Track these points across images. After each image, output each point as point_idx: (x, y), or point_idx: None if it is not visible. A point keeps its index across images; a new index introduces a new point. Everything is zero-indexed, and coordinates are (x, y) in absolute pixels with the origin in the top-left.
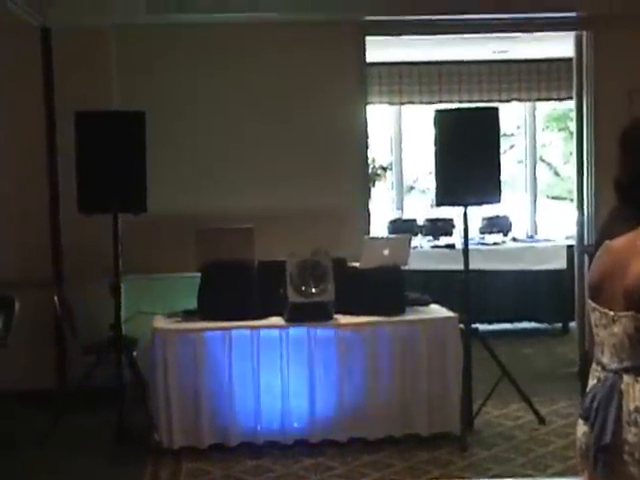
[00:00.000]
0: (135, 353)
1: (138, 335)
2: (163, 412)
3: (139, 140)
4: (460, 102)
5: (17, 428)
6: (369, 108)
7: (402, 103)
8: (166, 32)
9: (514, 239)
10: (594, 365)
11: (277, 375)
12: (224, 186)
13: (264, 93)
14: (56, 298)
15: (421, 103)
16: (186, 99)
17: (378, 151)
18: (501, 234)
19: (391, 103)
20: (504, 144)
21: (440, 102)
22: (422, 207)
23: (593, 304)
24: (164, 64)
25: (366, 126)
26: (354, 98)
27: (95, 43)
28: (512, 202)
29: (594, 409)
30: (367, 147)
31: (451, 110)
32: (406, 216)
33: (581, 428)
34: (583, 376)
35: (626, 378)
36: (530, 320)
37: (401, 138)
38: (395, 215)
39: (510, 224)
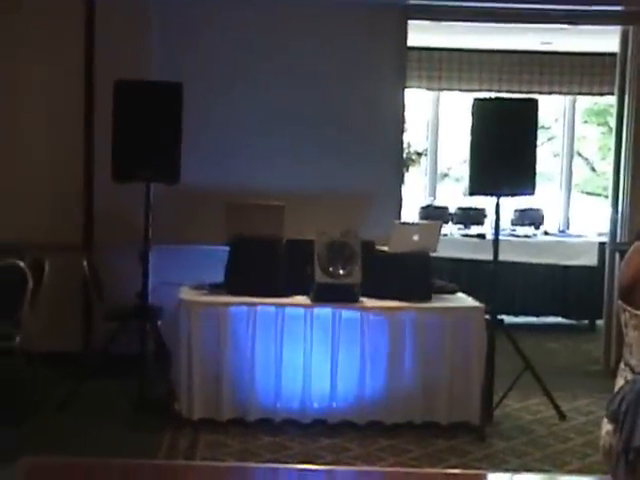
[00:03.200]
0: (160, 322)
1: (164, 305)
2: (184, 383)
3: (176, 111)
4: (499, 92)
5: (40, 391)
6: (407, 92)
7: (441, 89)
8: (207, 5)
9: (546, 233)
10: (622, 365)
11: (300, 354)
12: (257, 162)
13: (303, 72)
14: (85, 263)
15: (460, 90)
16: (223, 74)
17: (414, 136)
18: (533, 227)
19: (430, 89)
20: (542, 136)
21: (479, 91)
22: (455, 195)
23: (624, 305)
24: (203, 37)
25: (403, 110)
26: (393, 81)
27: (136, 13)
28: (546, 195)
29: (622, 412)
30: (403, 131)
31: (490, 99)
32: (438, 203)
33: (606, 427)
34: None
35: None
36: (557, 315)
37: (438, 124)
38: (427, 201)
39: (542, 217)
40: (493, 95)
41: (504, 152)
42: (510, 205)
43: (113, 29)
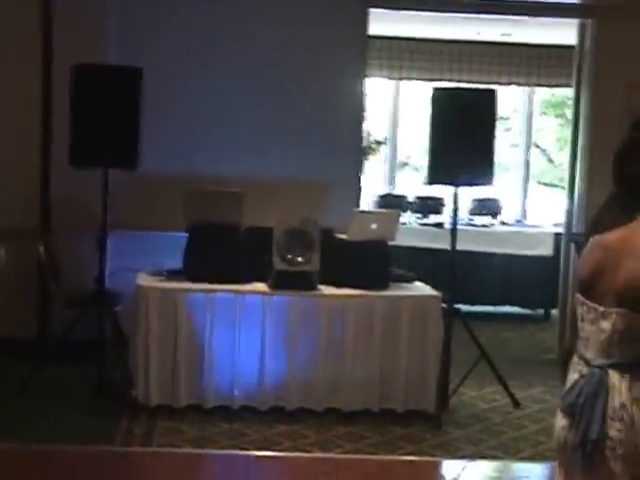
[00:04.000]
0: (117, 309)
1: (122, 291)
2: (141, 369)
3: (135, 97)
4: (459, 81)
5: None
6: (368, 81)
7: (401, 78)
8: None
9: (503, 222)
10: (575, 359)
11: (257, 341)
12: (217, 150)
13: (262, 60)
14: (41, 248)
15: (420, 80)
16: (185, 60)
17: (374, 125)
18: (490, 217)
19: (390, 77)
20: (500, 127)
21: (439, 80)
22: (413, 184)
23: (582, 298)
24: (165, 22)
25: (363, 99)
26: (354, 70)
27: None
28: (503, 185)
29: (579, 404)
30: (363, 120)
31: (449, 89)
32: (397, 192)
33: (560, 421)
34: (563, 368)
35: (612, 374)
36: (513, 304)
37: (397, 114)
38: (386, 190)
39: (500, 207)
40: (453, 85)
41: (463, 142)
42: (468, 195)
43: (71, 12)
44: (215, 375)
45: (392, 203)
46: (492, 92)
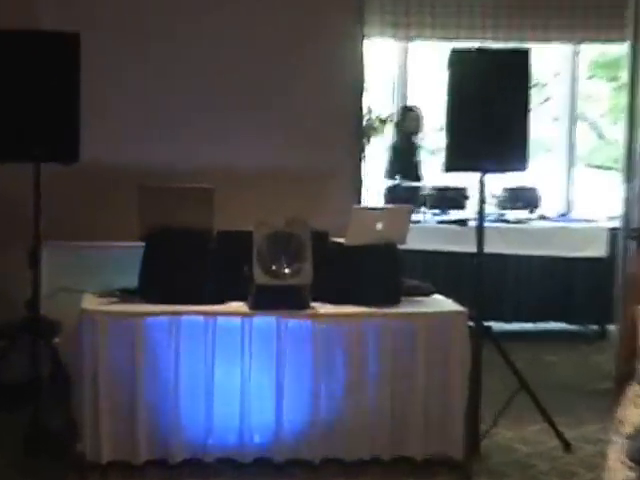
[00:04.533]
0: (57, 340)
1: (61, 317)
2: (89, 416)
3: (71, 70)
4: (483, 40)
5: None
6: (367, 44)
7: (410, 39)
8: None
9: (542, 217)
10: (637, 387)
11: (236, 376)
12: (179, 136)
13: (231, 24)
14: None
15: (434, 39)
16: (138, 25)
17: (377, 99)
18: (527, 210)
19: (396, 38)
20: (536, 96)
21: (458, 39)
22: (429, 172)
23: None
24: None
25: (362, 66)
26: (349, 30)
27: None
28: (543, 170)
29: None
30: (361, 93)
31: (470, 50)
32: (408, 183)
33: (624, 472)
34: (616, 398)
35: None
36: (558, 320)
37: (406, 83)
38: (394, 181)
39: (538, 198)
40: (475, 45)
41: (489, 117)
42: (498, 183)
43: None
44: (183, 421)
45: (403, 197)
46: (525, 53)
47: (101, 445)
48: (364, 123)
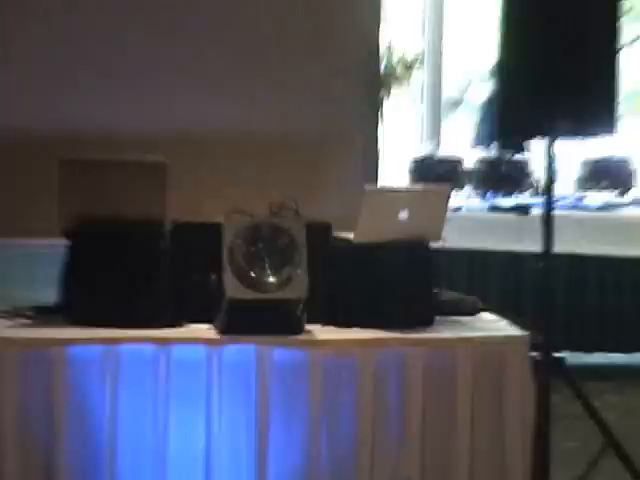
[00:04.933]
0: None
1: None
2: None
3: None
4: None
5: None
6: None
7: None
8: None
9: (638, 201)
10: None
11: (199, 431)
12: (118, 91)
13: None
14: None
15: None
16: None
17: (400, 36)
18: (615, 192)
19: None
20: (628, 31)
21: None
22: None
23: None
24: None
25: None
26: None
27: None
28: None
29: None
30: (378, 27)
31: None
32: (444, 152)
33: None
34: None
35: None
36: None
37: (441, 13)
38: (424, 150)
39: (631, 174)
40: None
41: (558, 60)
42: (575, 154)
43: None
44: None
45: (437, 173)
46: None
47: None
48: (382, 69)
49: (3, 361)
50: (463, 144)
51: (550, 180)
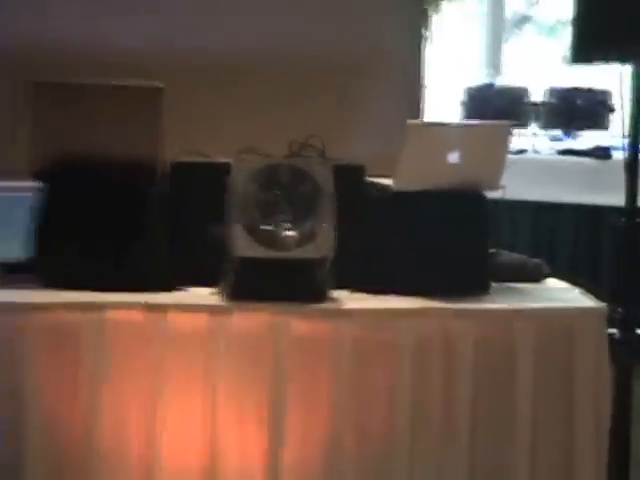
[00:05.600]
0: None
1: None
2: None
3: None
4: None
5: None
6: None
7: None
8: None
9: None
10: None
11: (197, 413)
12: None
13: None
14: None
15: None
16: None
17: None
18: None
19: None
20: None
21: None
22: (544, 64)
23: None
24: None
25: None
26: None
27: None
28: None
29: None
30: None
31: None
32: (506, 80)
33: None
34: None
35: None
36: None
37: None
38: (483, 77)
39: None
40: None
41: None
42: None
43: None
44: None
45: (499, 106)
46: None
47: None
48: None
49: None
50: (529, 71)
51: (636, 115)
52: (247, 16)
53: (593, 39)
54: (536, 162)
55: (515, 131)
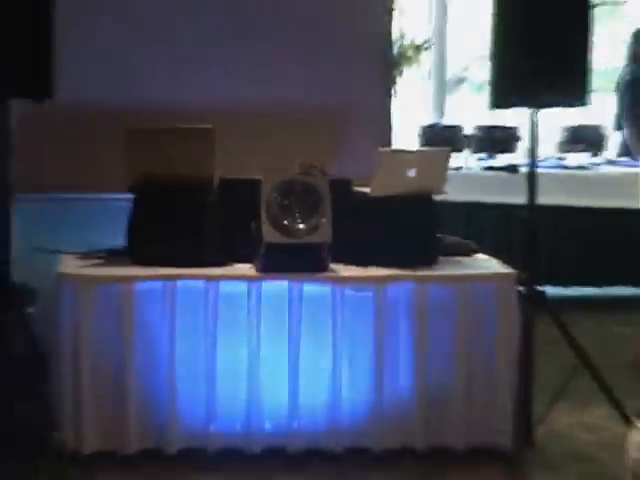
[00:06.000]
0: (30, 310)
1: (35, 283)
2: (69, 400)
3: None
4: None
5: None
6: None
7: None
8: None
9: (610, 162)
10: None
11: (242, 351)
12: (171, 65)
13: None
14: None
15: None
16: None
17: (410, 22)
18: (589, 153)
19: None
20: (603, 14)
21: None
22: (475, 110)
23: None
24: None
25: None
26: None
27: None
28: (609, 105)
29: None
30: (390, 13)
31: None
32: (448, 120)
33: None
34: None
35: None
36: (628, 284)
37: (445, 3)
38: (432, 118)
39: (603, 138)
40: None
41: (542, 42)
42: (557, 122)
43: None
44: (180, 404)
45: (442, 138)
46: None
47: (83, 433)
48: (395, 50)
49: (81, 294)
50: (464, 114)
51: (533, 141)
52: (270, 79)
53: (503, 93)
54: (468, 175)
55: (453, 154)
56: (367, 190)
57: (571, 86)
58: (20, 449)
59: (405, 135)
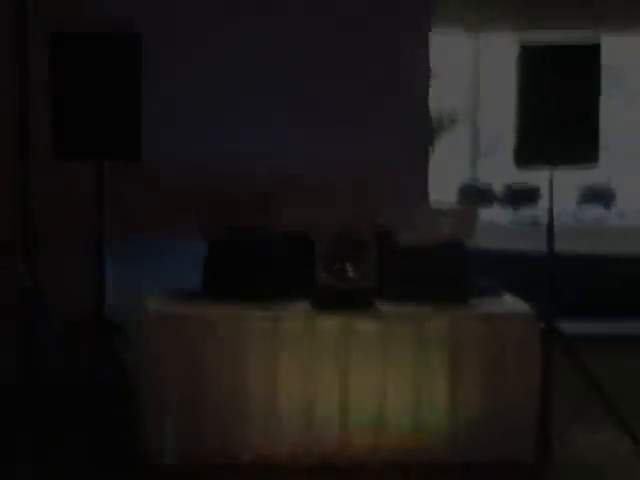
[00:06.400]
0: (119, 342)
1: (124, 319)
2: (153, 419)
3: (133, 69)
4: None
5: None
6: (436, 35)
7: (482, 30)
8: None
9: (621, 215)
10: None
11: (299, 376)
12: (240, 133)
13: (298, 15)
14: (22, 267)
15: (506, 30)
16: (192, 19)
17: (448, 95)
18: (602, 208)
19: (468, 29)
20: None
21: (532, 29)
22: (505, 171)
23: None
24: None
25: (427, 59)
26: (414, 22)
27: None
28: (622, 166)
29: None
30: (428, 88)
31: (539, 46)
32: (483, 179)
33: None
34: None
35: None
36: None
37: (479, 78)
38: (467, 180)
39: (612, 194)
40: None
41: (558, 111)
42: (573, 180)
43: None
44: (250, 424)
45: (476, 196)
46: (595, 47)
47: (166, 445)
48: (433, 122)
49: (163, 330)
50: (494, 175)
51: (551, 198)
52: (327, 147)
53: (527, 152)
54: (496, 226)
55: (484, 209)
56: (411, 238)
57: (583, 148)
58: (105, 463)
59: (443, 194)
